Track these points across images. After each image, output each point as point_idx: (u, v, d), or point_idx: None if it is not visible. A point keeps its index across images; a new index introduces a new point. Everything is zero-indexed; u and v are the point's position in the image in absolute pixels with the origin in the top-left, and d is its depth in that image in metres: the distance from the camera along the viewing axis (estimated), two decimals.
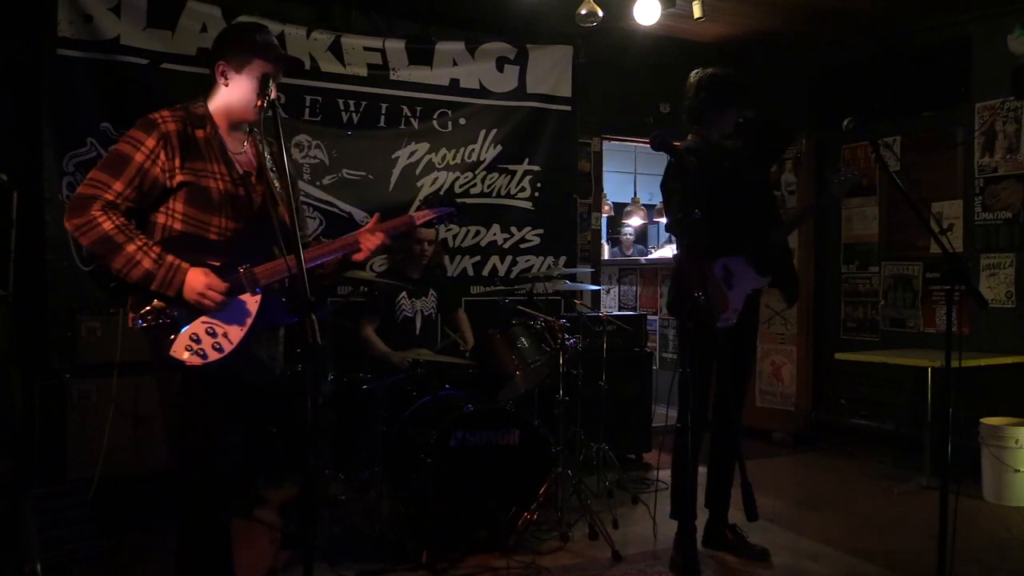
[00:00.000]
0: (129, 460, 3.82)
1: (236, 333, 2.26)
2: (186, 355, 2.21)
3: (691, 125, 3.56)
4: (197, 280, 2.21)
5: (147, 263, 2.18)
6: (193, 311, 2.23)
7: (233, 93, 2.36)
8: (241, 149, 2.42)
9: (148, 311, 2.21)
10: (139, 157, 2.24)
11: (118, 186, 2.22)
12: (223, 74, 2.36)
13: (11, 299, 3.62)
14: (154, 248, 2.21)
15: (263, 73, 2.31)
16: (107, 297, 4.08)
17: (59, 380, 3.81)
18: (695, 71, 3.57)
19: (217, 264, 2.27)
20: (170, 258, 2.21)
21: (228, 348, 2.24)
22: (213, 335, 2.23)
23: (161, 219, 2.30)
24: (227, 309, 2.26)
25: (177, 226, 2.29)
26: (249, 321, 2.28)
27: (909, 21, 5.25)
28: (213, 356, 2.22)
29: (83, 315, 3.92)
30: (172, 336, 2.22)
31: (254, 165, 2.42)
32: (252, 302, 2.30)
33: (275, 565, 3.31)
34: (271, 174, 2.41)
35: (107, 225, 2.18)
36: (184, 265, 2.21)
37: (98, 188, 2.20)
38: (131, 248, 2.18)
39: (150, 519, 3.71)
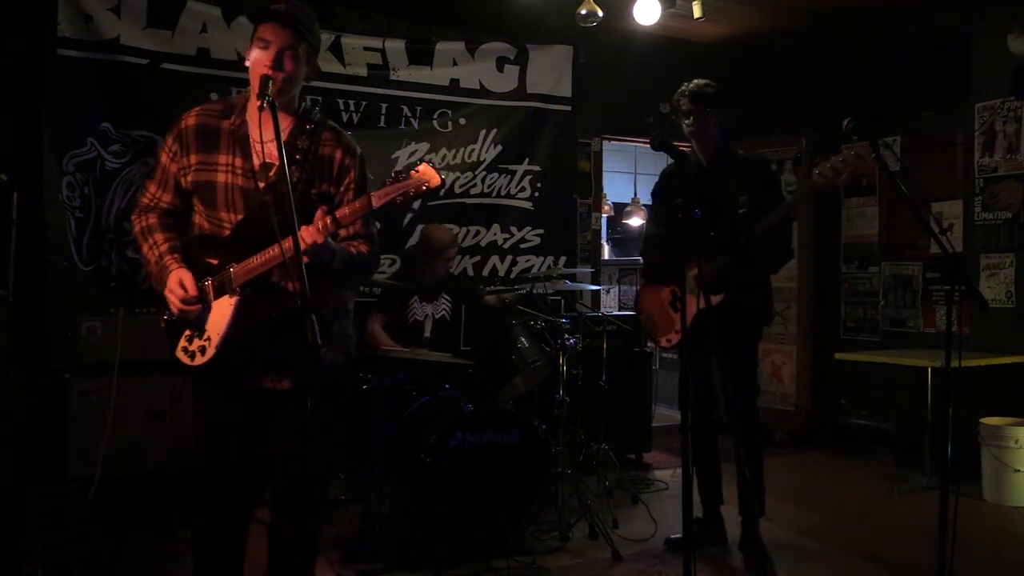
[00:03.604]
0: (129, 460, 3.82)
1: (215, 338, 2.23)
2: (181, 355, 2.29)
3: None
4: (169, 280, 2.24)
5: (152, 262, 2.31)
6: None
7: (250, 71, 2.25)
8: (273, 137, 2.24)
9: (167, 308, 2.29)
10: (164, 158, 2.34)
11: (152, 188, 2.38)
12: (246, 59, 2.27)
13: (11, 299, 3.62)
14: (160, 247, 2.30)
15: (260, 38, 2.20)
16: (107, 297, 4.09)
17: (59, 380, 3.80)
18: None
19: (214, 263, 2.25)
20: (168, 259, 2.27)
21: (209, 352, 2.23)
22: (201, 338, 2.26)
23: (196, 219, 2.35)
24: (209, 312, 2.25)
25: (206, 225, 2.32)
26: (225, 325, 2.21)
27: (909, 21, 5.25)
28: (198, 359, 2.26)
29: (83, 315, 3.91)
30: (176, 335, 2.31)
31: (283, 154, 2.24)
32: (227, 304, 2.22)
33: None
34: (299, 166, 2.27)
35: (136, 228, 2.37)
36: (173, 267, 2.26)
37: (142, 193, 2.41)
38: (144, 248, 2.33)
39: (150, 519, 3.72)
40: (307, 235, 2.10)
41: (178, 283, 2.23)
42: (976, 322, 4.92)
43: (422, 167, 2.09)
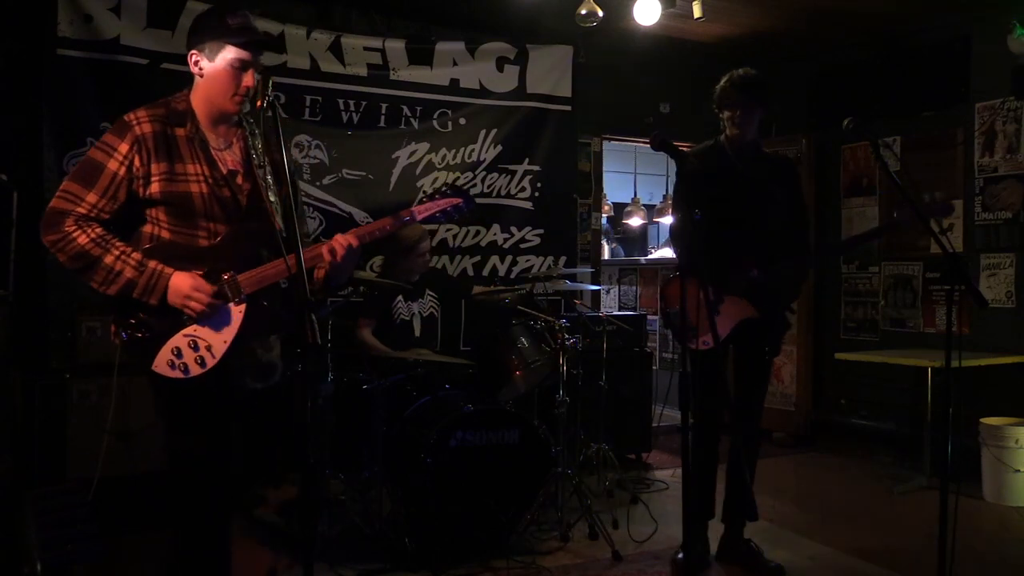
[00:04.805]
0: (129, 460, 3.82)
1: (219, 346, 2.16)
2: (168, 370, 2.14)
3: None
4: (182, 283, 2.12)
5: (128, 272, 2.11)
6: (175, 323, 2.15)
7: (210, 85, 2.22)
8: (226, 145, 2.28)
9: (131, 323, 2.15)
10: (112, 165, 2.14)
11: (91, 198, 2.13)
12: (196, 64, 2.23)
13: (11, 299, 3.62)
14: (133, 255, 2.13)
15: (239, 60, 2.19)
16: (107, 297, 4.08)
17: (59, 380, 3.80)
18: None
19: (200, 272, 2.17)
20: (152, 263, 2.12)
21: (211, 362, 2.15)
22: (195, 348, 2.14)
23: (148, 228, 2.21)
24: (210, 320, 2.15)
25: (165, 234, 2.20)
26: (233, 332, 2.16)
27: (909, 21, 5.25)
28: (195, 371, 2.14)
29: (83, 315, 3.90)
30: (154, 350, 2.15)
31: (240, 162, 2.28)
32: (236, 312, 2.18)
33: (275, 565, 3.31)
34: (258, 171, 2.26)
35: (82, 239, 2.10)
36: (167, 270, 2.13)
37: (70, 201, 2.12)
38: (109, 259, 2.11)
39: (150, 519, 3.71)
40: (344, 239, 2.22)
41: (195, 283, 2.13)
42: (976, 322, 4.92)
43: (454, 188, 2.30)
